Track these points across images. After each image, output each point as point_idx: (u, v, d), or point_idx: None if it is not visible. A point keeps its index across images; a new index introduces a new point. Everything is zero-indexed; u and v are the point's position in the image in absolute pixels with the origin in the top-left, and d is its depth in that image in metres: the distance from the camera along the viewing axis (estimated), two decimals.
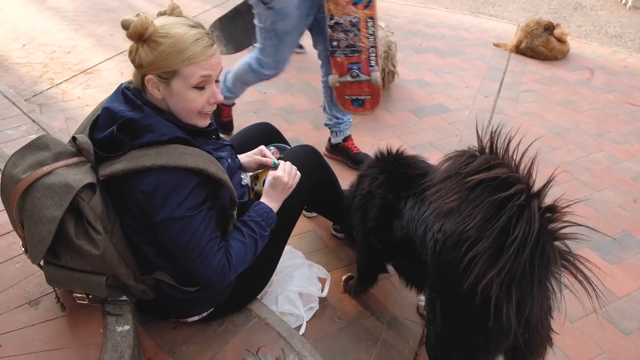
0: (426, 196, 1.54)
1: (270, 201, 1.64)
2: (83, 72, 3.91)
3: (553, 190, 1.20)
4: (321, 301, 2.00)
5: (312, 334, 1.87)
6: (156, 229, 1.38)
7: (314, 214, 2.49)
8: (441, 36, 5.34)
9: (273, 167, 1.74)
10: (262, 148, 1.83)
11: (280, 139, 2.17)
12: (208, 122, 1.53)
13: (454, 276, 1.29)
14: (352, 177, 2.08)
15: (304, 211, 2.38)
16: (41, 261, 1.39)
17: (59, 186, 1.31)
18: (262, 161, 1.79)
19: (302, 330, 1.86)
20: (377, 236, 1.78)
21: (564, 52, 4.85)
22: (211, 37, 1.39)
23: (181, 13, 1.43)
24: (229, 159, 1.59)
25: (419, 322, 1.98)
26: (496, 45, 5.06)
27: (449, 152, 1.33)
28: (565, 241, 1.19)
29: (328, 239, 2.39)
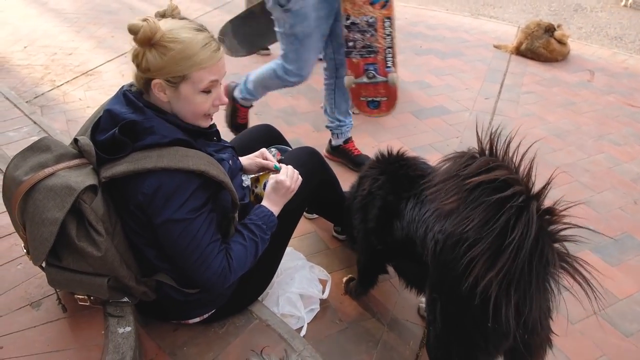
0: (427, 197, 1.54)
1: (272, 205, 1.64)
2: (84, 74, 3.92)
3: (553, 192, 1.20)
4: (322, 303, 2.00)
5: (313, 336, 1.87)
6: (157, 231, 1.38)
7: (314, 216, 2.49)
8: (441, 38, 5.35)
9: (274, 170, 1.74)
10: (263, 151, 1.83)
11: (281, 140, 2.17)
12: (210, 122, 1.55)
13: (454, 277, 1.29)
14: (353, 179, 2.08)
15: (304, 213, 2.39)
16: (43, 263, 1.39)
17: (60, 188, 1.31)
18: (263, 164, 1.79)
19: (303, 332, 1.86)
20: (377, 237, 1.78)
21: (564, 54, 4.85)
22: (216, 40, 1.40)
23: (180, 14, 1.43)
24: (230, 161, 1.59)
25: (419, 324, 1.98)
26: (496, 47, 5.06)
27: (448, 154, 1.34)
28: (564, 243, 1.19)
29: (329, 240, 2.40)
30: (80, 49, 4.40)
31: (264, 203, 1.64)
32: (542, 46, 4.74)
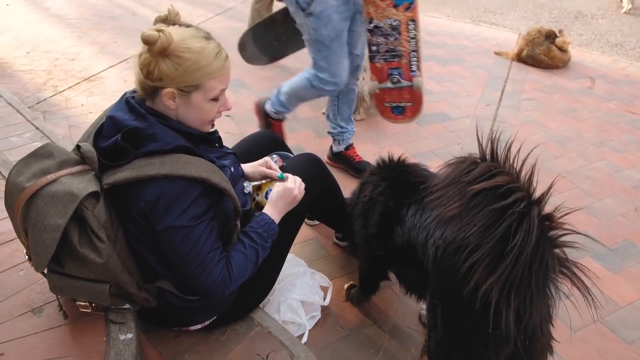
0: (428, 203, 1.55)
1: (275, 212, 1.64)
2: (86, 80, 3.93)
3: (555, 199, 1.21)
4: (323, 310, 2.00)
5: (314, 343, 1.87)
6: (158, 237, 1.38)
7: (316, 222, 2.49)
8: (442, 44, 5.36)
9: (278, 179, 1.75)
10: (267, 160, 1.84)
11: (282, 147, 2.17)
12: (213, 127, 1.57)
13: (454, 283, 1.30)
14: (354, 185, 2.09)
15: (306, 219, 2.39)
16: (45, 269, 1.40)
17: (63, 194, 1.31)
18: (267, 173, 1.79)
19: (304, 339, 1.86)
20: (378, 243, 1.78)
21: (565, 61, 4.86)
22: (223, 48, 1.42)
23: (180, 19, 1.43)
24: (231, 168, 1.59)
25: (421, 331, 1.98)
26: (497, 54, 5.08)
27: (449, 159, 1.35)
28: (564, 249, 1.20)
29: (330, 247, 2.40)
30: (83, 54, 4.41)
31: (266, 210, 1.64)
32: (543, 53, 4.75)
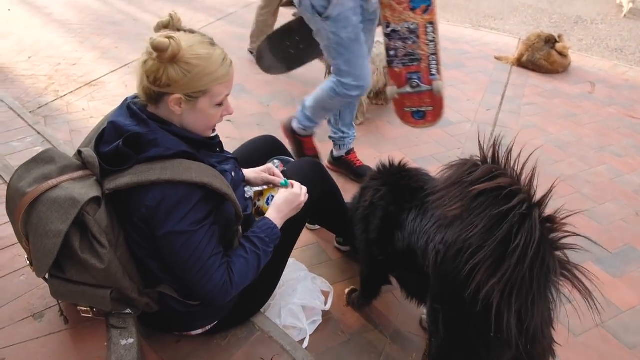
0: (428, 208, 1.55)
1: (278, 217, 1.64)
2: (88, 85, 3.94)
3: (555, 203, 1.22)
4: (324, 314, 1.99)
5: (315, 348, 1.86)
6: (159, 243, 1.38)
7: (317, 227, 2.49)
8: (443, 49, 5.30)
9: (281, 186, 1.75)
10: (270, 166, 1.85)
11: (284, 151, 2.18)
12: (214, 132, 1.58)
13: (455, 286, 1.30)
14: (355, 190, 2.09)
15: (307, 224, 2.39)
16: (46, 274, 1.40)
17: (64, 200, 1.32)
18: (269, 179, 1.80)
19: (305, 344, 1.85)
20: (379, 247, 1.78)
21: (565, 66, 4.87)
22: (227, 54, 1.43)
23: (181, 24, 1.44)
24: (232, 172, 1.60)
25: (422, 336, 1.98)
26: (497, 59, 5.08)
27: (451, 162, 1.35)
28: (565, 251, 1.20)
29: (331, 251, 2.39)
30: (84, 59, 4.42)
31: (269, 215, 1.64)
32: (543, 58, 4.76)
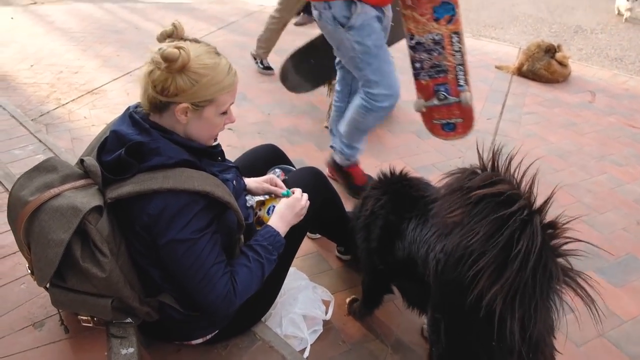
0: (428, 217, 1.55)
1: (282, 224, 1.65)
2: (89, 93, 3.95)
3: (556, 212, 1.21)
4: (325, 324, 1.99)
5: (316, 358, 1.85)
6: (161, 251, 1.38)
7: (317, 236, 2.48)
8: None
9: (283, 196, 1.76)
10: (272, 177, 1.85)
11: (285, 160, 2.18)
12: (216, 141, 1.58)
13: (456, 295, 1.30)
14: (355, 199, 2.09)
15: (308, 232, 2.38)
16: (47, 283, 1.39)
17: (66, 209, 1.32)
18: (271, 190, 1.80)
19: (306, 354, 1.84)
20: (379, 256, 1.78)
21: (565, 75, 4.89)
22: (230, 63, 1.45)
23: (185, 34, 1.45)
24: (234, 181, 1.60)
25: (423, 345, 1.96)
26: (498, 68, 5.10)
27: (450, 170, 1.36)
28: (567, 258, 1.20)
29: (332, 260, 2.39)
30: (86, 67, 4.44)
31: (272, 223, 1.64)
32: (543, 68, 4.77)
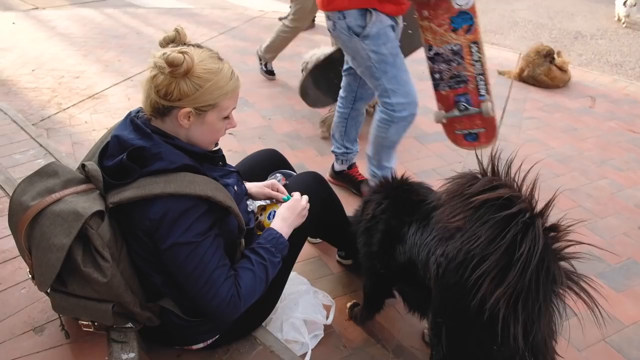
0: (429, 222, 1.55)
1: (284, 225, 1.65)
2: (90, 97, 3.96)
3: (557, 216, 1.21)
4: (326, 328, 1.98)
5: None
6: (163, 256, 1.38)
7: (318, 240, 2.48)
8: None
9: (283, 201, 1.76)
10: (274, 182, 1.86)
11: (286, 165, 2.18)
12: (217, 146, 1.59)
13: (457, 299, 1.30)
14: (356, 204, 2.09)
15: (308, 237, 2.38)
16: (48, 288, 1.39)
17: (68, 214, 1.32)
18: (272, 195, 1.81)
19: (307, 358, 1.83)
20: (380, 260, 1.78)
21: (565, 81, 4.90)
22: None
23: (187, 39, 1.46)
24: (235, 186, 1.60)
25: (424, 350, 1.96)
26: (501, 73, 5.09)
27: (451, 176, 1.36)
28: (570, 261, 1.20)
29: (333, 265, 2.39)
30: (87, 72, 4.45)
31: (274, 225, 1.64)
32: (543, 73, 4.79)
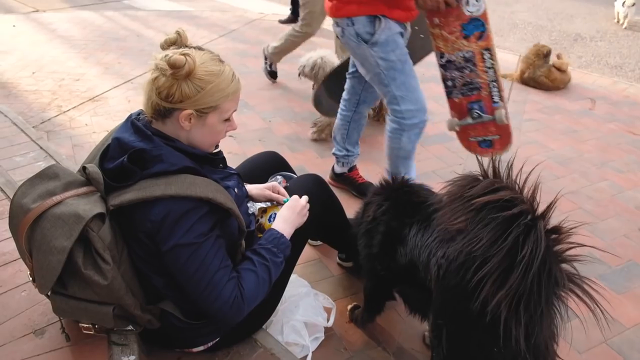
0: (430, 223, 1.55)
1: (285, 225, 1.65)
2: (91, 100, 3.96)
3: (558, 219, 1.21)
4: (327, 331, 1.98)
5: None
6: (165, 258, 1.38)
7: (318, 243, 2.48)
8: None
9: (284, 204, 1.76)
10: (275, 184, 1.86)
11: (286, 167, 2.18)
12: (217, 148, 1.59)
13: (458, 301, 1.30)
14: (357, 206, 2.09)
15: (309, 239, 2.38)
16: (49, 291, 1.39)
17: (68, 216, 1.32)
18: (273, 197, 1.81)
19: None
20: (381, 262, 1.78)
21: (565, 83, 4.91)
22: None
23: (188, 41, 1.46)
24: (235, 189, 1.60)
25: (425, 353, 1.96)
26: (503, 77, 5.09)
27: (452, 178, 1.36)
28: (573, 264, 1.20)
29: (333, 267, 2.38)
30: (88, 75, 4.46)
31: (276, 225, 1.64)
32: (543, 75, 4.80)
